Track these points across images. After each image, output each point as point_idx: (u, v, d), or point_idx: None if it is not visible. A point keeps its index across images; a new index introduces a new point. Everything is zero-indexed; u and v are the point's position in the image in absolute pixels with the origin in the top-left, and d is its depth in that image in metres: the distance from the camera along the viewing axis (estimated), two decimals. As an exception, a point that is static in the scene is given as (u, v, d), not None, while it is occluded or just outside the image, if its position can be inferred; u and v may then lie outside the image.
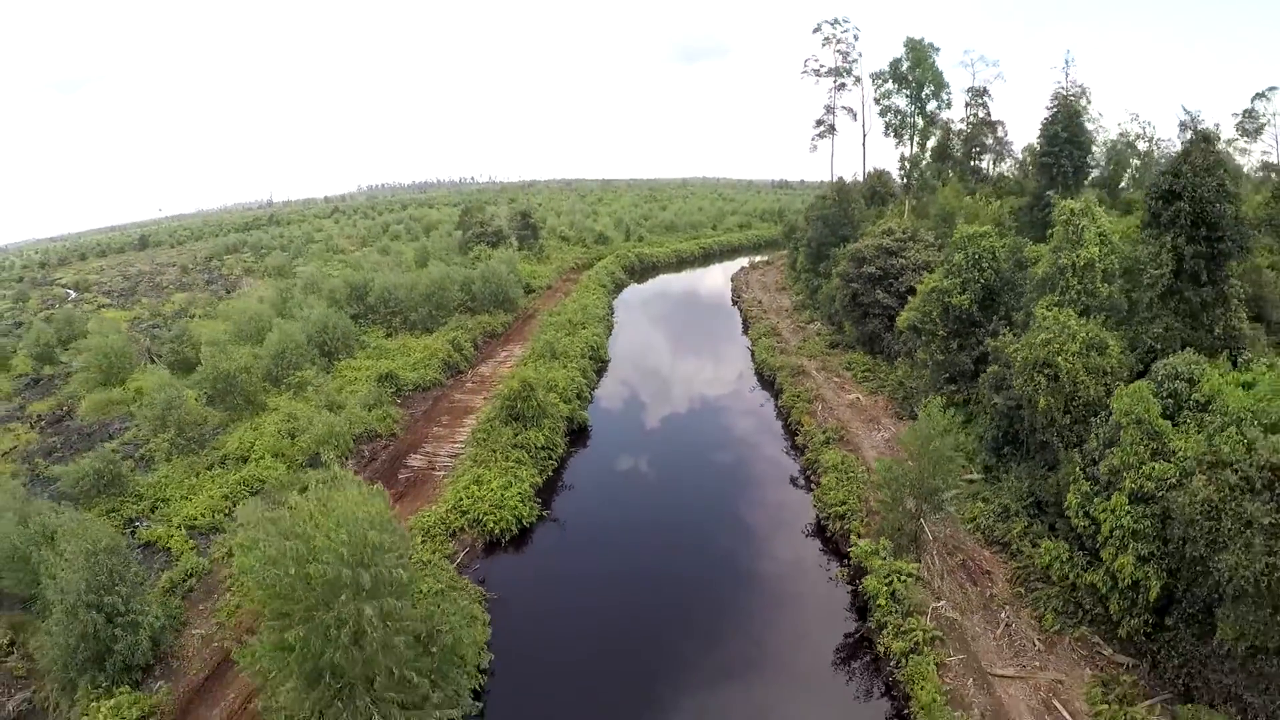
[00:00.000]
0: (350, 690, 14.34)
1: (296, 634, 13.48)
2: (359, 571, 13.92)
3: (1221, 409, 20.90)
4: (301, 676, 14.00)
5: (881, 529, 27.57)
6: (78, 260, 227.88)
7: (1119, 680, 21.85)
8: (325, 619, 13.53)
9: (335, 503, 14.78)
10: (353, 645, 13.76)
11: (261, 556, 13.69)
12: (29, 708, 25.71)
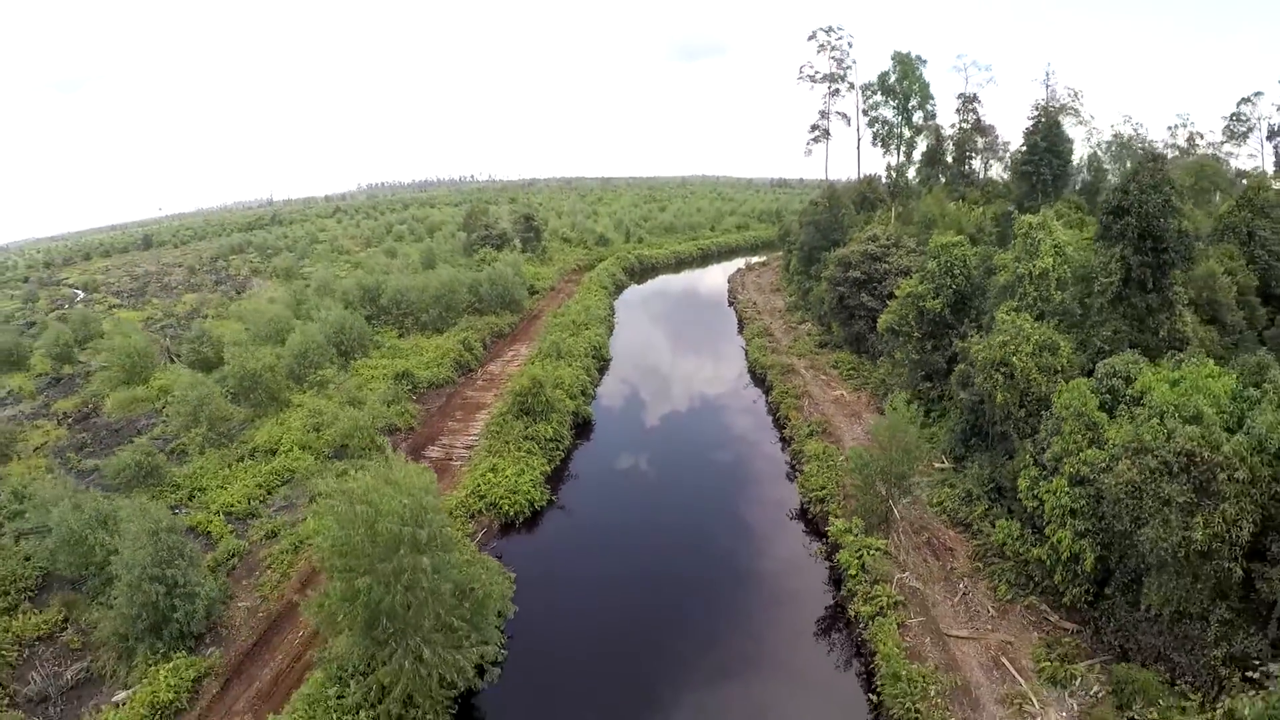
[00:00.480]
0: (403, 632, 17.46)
1: (364, 582, 16.55)
2: (415, 529, 17.02)
3: (1150, 403, 23.94)
4: (362, 622, 17.06)
5: (855, 510, 30.76)
6: (82, 260, 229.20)
7: (1061, 642, 24.90)
8: (386, 569, 16.62)
9: (394, 476, 17.89)
10: (407, 592, 16.85)
11: (336, 519, 16.75)
12: (86, 676, 28.52)
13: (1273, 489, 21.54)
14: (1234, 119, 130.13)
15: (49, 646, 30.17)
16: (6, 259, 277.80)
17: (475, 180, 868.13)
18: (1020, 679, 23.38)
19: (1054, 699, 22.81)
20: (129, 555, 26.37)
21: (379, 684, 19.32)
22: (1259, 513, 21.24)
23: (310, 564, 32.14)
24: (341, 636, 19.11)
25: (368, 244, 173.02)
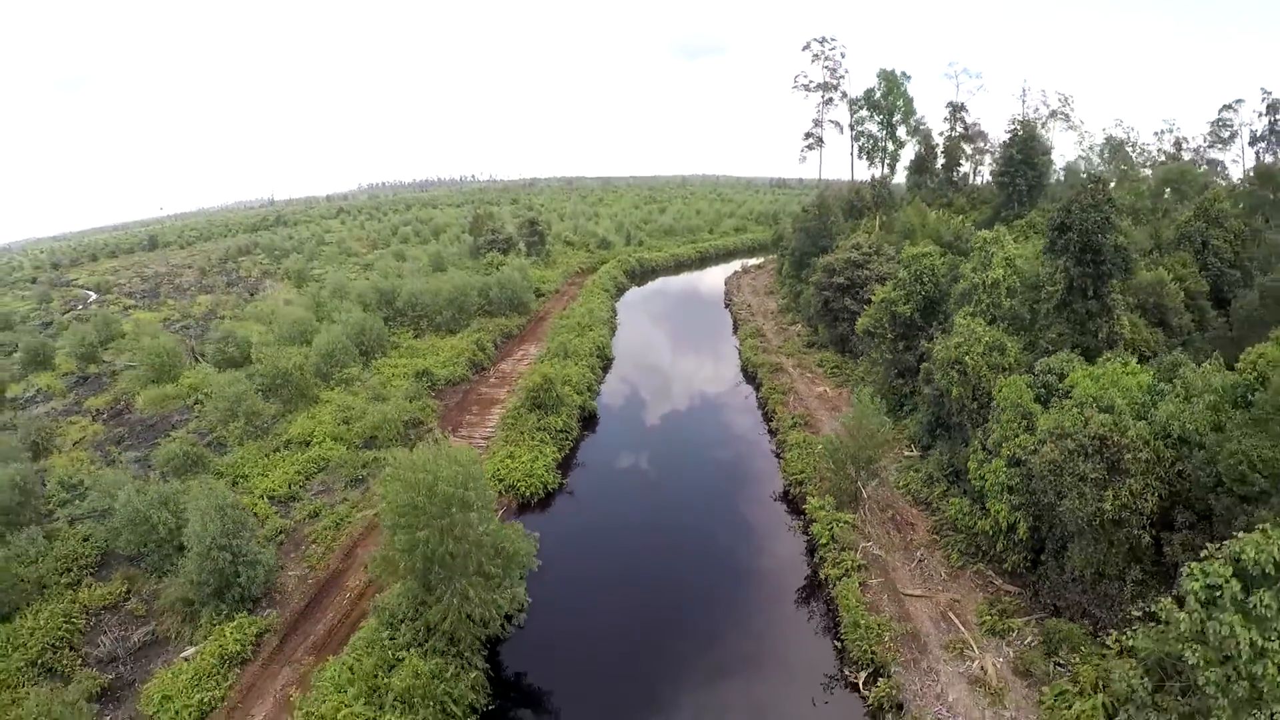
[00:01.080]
0: (450, 577, 21.69)
1: (424, 534, 20.76)
2: (464, 491, 21.25)
3: (1075, 395, 28.13)
4: (419, 569, 21.33)
5: (828, 490, 35.04)
6: (89, 260, 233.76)
7: (1002, 601, 29.08)
8: (441, 524, 20.82)
9: (448, 451, 22.12)
10: (456, 542, 21.06)
11: (402, 484, 21.01)
12: (151, 639, 32.58)
13: (1175, 468, 25.73)
14: (1219, 124, 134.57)
15: (114, 614, 34.10)
16: (10, 259, 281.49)
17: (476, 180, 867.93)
18: (964, 630, 27.57)
19: (992, 646, 26.98)
20: (199, 528, 30.44)
21: (426, 625, 23.57)
22: (1164, 488, 25.38)
23: (350, 538, 36.45)
24: (393, 588, 23.27)
25: (374, 246, 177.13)
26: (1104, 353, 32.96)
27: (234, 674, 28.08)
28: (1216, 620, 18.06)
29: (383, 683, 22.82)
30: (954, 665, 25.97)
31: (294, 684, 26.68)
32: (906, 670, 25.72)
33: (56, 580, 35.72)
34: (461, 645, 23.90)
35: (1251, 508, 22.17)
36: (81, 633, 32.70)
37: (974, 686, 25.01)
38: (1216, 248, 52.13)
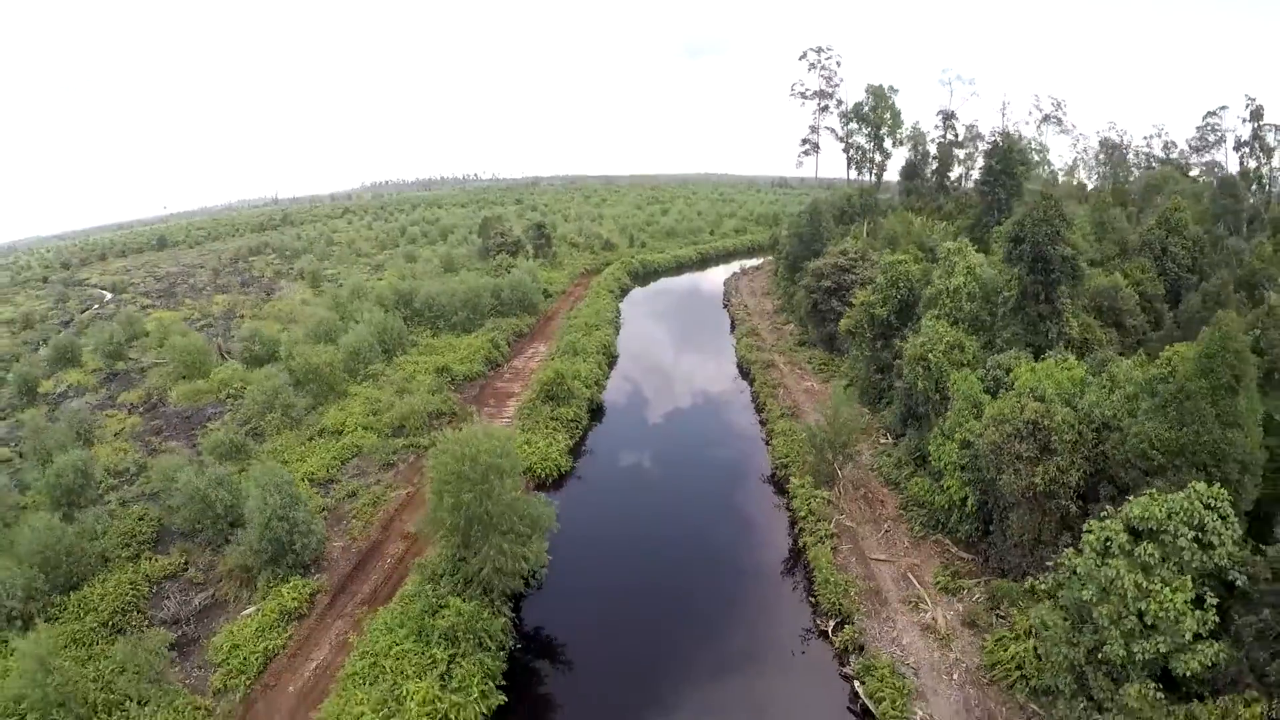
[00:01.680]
0: (486, 534, 26.37)
1: (467, 496, 25.42)
2: (500, 461, 25.94)
3: (1016, 387, 32.69)
4: (462, 528, 26.04)
5: (808, 470, 39.68)
6: (98, 260, 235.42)
7: (956, 565, 33.67)
8: (481, 488, 25.50)
9: (487, 429, 26.84)
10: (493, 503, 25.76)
11: (450, 455, 25.73)
12: (211, 602, 37.16)
13: (1098, 448, 30.24)
14: (1208, 129, 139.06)
15: (174, 583, 38.64)
16: (16, 258, 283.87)
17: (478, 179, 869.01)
18: (920, 588, 32.16)
19: (944, 602, 31.56)
20: (260, 502, 35.05)
21: (464, 579, 28.26)
22: (1087, 465, 29.92)
23: (387, 514, 41.15)
24: (432, 549, 27.93)
25: (383, 246, 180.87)
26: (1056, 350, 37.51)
27: (292, 626, 32.70)
28: (1107, 565, 22.65)
29: (428, 624, 27.50)
30: (909, 616, 30.58)
31: (348, 632, 31.36)
32: (868, 619, 30.33)
33: (118, 554, 39.99)
34: (494, 595, 28.61)
35: (1152, 479, 26.64)
36: (146, 598, 37.09)
37: (926, 634, 29.60)
38: (1174, 254, 56.53)
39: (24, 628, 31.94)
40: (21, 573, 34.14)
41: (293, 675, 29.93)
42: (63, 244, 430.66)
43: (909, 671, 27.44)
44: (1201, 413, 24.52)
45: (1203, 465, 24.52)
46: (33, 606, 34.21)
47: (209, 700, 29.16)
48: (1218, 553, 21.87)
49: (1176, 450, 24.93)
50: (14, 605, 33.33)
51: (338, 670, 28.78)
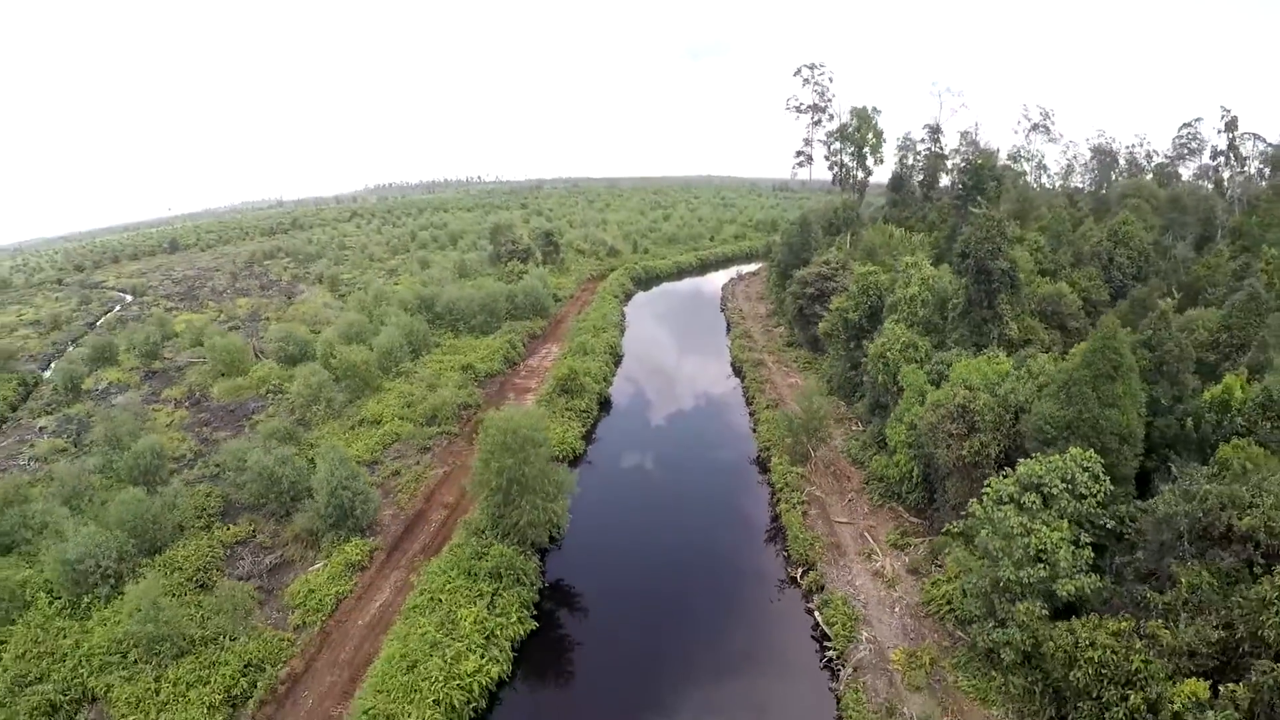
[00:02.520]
0: (522, 493, 33.44)
1: (510, 461, 32.46)
2: (535, 433, 32.97)
3: (952, 378, 39.61)
4: (504, 485, 33.11)
5: (786, 451, 46.69)
6: (111, 263, 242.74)
7: (905, 526, 40.55)
8: (520, 456, 32.53)
9: (524, 409, 33.89)
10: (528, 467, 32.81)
11: (496, 429, 32.80)
12: (279, 561, 43.92)
13: (1014, 427, 37.08)
14: (1189, 137, 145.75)
15: (245, 547, 45.45)
16: (26, 260, 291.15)
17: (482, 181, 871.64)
18: (874, 544, 39.06)
19: (893, 555, 38.44)
20: (327, 474, 41.92)
21: (503, 531, 35.32)
22: (1005, 440, 36.76)
23: (428, 488, 48.12)
24: (474, 510, 34.95)
25: (395, 252, 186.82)
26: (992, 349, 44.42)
27: (357, 576, 39.59)
28: (1000, 510, 29.57)
29: (475, 565, 34.52)
30: (863, 565, 37.50)
31: (406, 578, 38.33)
32: (829, 567, 37.26)
33: (192, 524, 46.72)
34: (526, 544, 35.64)
35: (1047, 449, 33.45)
36: (222, 559, 43.91)
37: (876, 578, 36.51)
38: (1120, 263, 63.38)
39: (115, 585, 38.12)
40: (114, 538, 40.36)
41: (360, 613, 36.84)
42: (69, 245, 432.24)
43: (859, 605, 34.35)
44: (1084, 396, 31.39)
45: (1085, 437, 31.35)
46: (124, 567, 40.39)
47: (290, 633, 35.98)
48: (1088, 503, 28.79)
49: (1065, 425, 31.78)
50: (109, 565, 39.08)
51: (399, 607, 35.75)
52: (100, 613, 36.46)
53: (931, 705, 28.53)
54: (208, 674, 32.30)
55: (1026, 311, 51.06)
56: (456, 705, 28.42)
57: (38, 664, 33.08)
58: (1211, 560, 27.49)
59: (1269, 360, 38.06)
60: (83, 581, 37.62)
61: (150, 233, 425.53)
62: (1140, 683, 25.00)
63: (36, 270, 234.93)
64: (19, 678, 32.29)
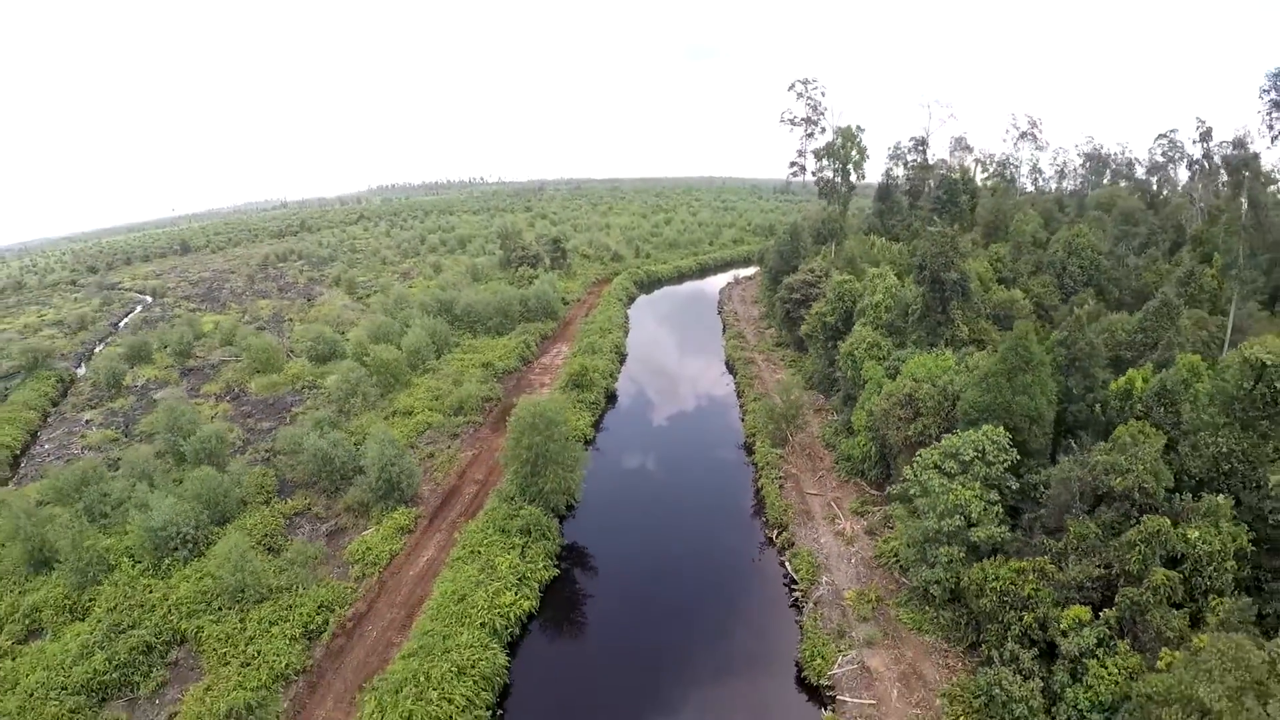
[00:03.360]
0: (548, 465, 41.11)
1: (538, 439, 40.07)
2: (558, 415, 40.63)
3: (904, 373, 47.11)
4: (532, 458, 40.70)
5: (768, 436, 54.25)
6: (123, 264, 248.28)
7: (866, 497, 48.02)
8: (546, 433, 40.14)
9: (549, 396, 41.48)
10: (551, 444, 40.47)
11: (526, 413, 40.45)
12: (334, 529, 51.22)
13: (950, 412, 44.46)
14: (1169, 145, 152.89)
15: (302, 517, 52.82)
16: (35, 260, 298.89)
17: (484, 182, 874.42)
18: (838, 511, 46.54)
19: (854, 520, 45.88)
20: (377, 453, 49.37)
21: (530, 497, 42.94)
22: (945, 422, 44.16)
23: (460, 467, 55.61)
24: (505, 480, 42.64)
25: (406, 255, 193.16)
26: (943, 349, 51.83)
27: (405, 537, 47.07)
28: (925, 474, 37.04)
29: (508, 524, 42.15)
30: (828, 527, 45.00)
31: (448, 537, 45.86)
32: (799, 529, 44.80)
33: (254, 499, 54.11)
34: (549, 508, 43.27)
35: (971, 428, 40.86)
36: (284, 528, 51.22)
37: (837, 537, 43.99)
38: (1072, 272, 70.64)
39: (192, 549, 45.48)
40: (191, 509, 47.64)
41: (410, 565, 44.34)
42: (75, 246, 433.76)
43: (822, 557, 41.86)
44: (1000, 385, 38.85)
45: (999, 418, 38.80)
46: (199, 534, 47.62)
47: (352, 583, 43.41)
48: (995, 468, 36.25)
49: (984, 409, 39.24)
50: (188, 531, 46.40)
51: (443, 561, 43.26)
52: (180, 572, 43.44)
53: (875, 631, 35.99)
54: (287, 614, 39.44)
55: (981, 315, 58.45)
56: (497, 628, 35.97)
57: (130, 614, 39.66)
58: (1097, 515, 34.93)
59: (1173, 358, 45.47)
60: (164, 546, 44.71)
61: (158, 234, 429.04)
62: (1031, 606, 32.41)
63: (47, 271, 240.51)
64: (114, 625, 38.81)
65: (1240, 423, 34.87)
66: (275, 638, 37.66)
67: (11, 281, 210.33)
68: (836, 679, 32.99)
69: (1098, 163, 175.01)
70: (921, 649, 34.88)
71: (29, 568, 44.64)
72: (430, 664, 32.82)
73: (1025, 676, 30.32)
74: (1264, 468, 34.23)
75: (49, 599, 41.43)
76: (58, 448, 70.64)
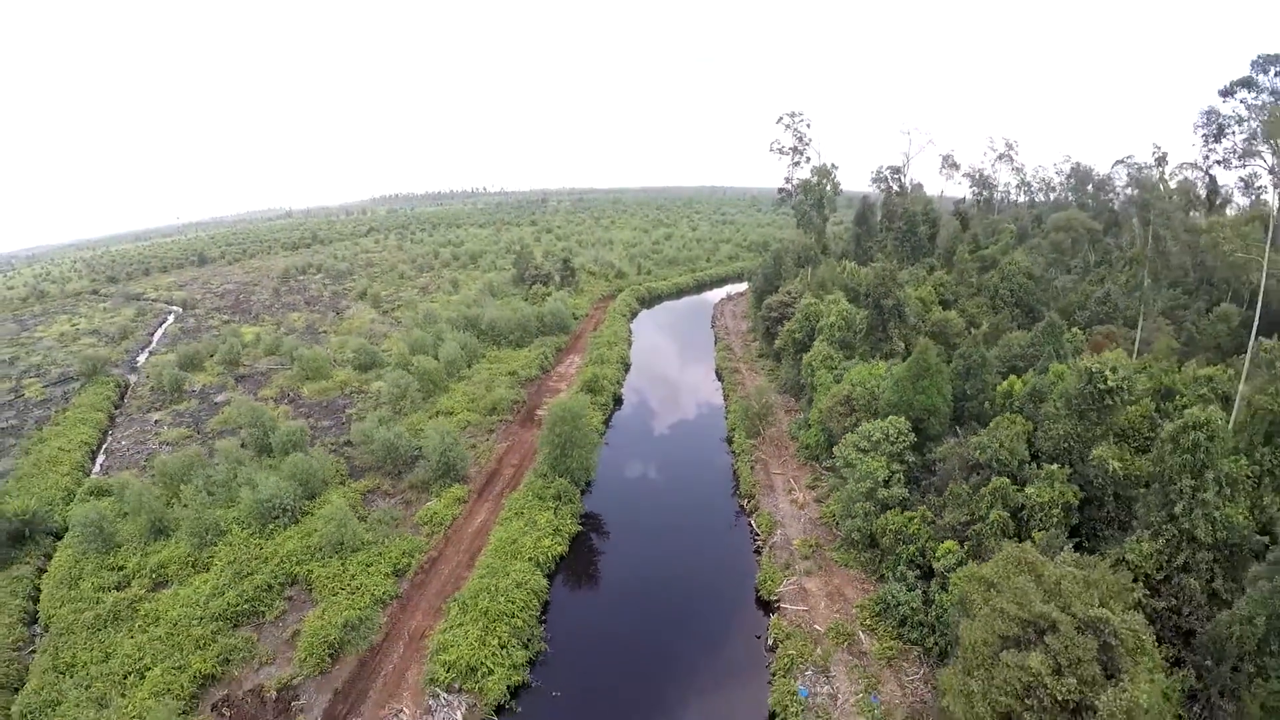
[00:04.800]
0: (573, 449, 55.09)
1: (566, 429, 54.03)
2: (581, 410, 54.64)
3: (845, 379, 61.11)
4: (562, 442, 54.64)
5: (744, 430, 68.31)
6: (142, 274, 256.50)
7: (817, 475, 61.85)
8: (572, 423, 54.14)
9: (574, 396, 55.73)
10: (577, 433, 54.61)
11: (558, 408, 54.45)
12: (401, 503, 64.50)
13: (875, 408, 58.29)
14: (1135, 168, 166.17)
15: (374, 494, 66.33)
16: (48, 270, 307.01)
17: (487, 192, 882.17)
18: (795, 486, 60.41)
19: (807, 492, 59.70)
20: (438, 441, 63.17)
21: (559, 473, 56.95)
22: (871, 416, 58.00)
23: (499, 455, 69.46)
24: (539, 459, 56.83)
25: (421, 270, 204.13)
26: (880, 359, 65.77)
27: (461, 506, 60.80)
28: (848, 451, 50.98)
29: (543, 492, 56.16)
30: (786, 497, 58.89)
31: (495, 505, 59.71)
32: (763, 498, 58.72)
33: (332, 480, 67.67)
34: (572, 482, 57.33)
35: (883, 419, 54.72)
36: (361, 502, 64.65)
37: (792, 504, 57.83)
38: (1003, 295, 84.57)
39: (291, 517, 59.04)
40: (289, 485, 61.30)
41: (467, 525, 58.12)
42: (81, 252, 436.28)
43: (779, 517, 55.73)
44: (905, 387, 52.81)
45: (904, 411, 52.71)
46: (296, 504, 61.13)
47: (423, 539, 57.10)
48: (896, 446, 50.13)
49: (895, 405, 53.18)
50: (288, 502, 60.10)
51: (493, 521, 57.05)
52: (283, 534, 56.39)
53: (812, 565, 49.79)
54: (378, 559, 52.76)
55: (920, 331, 72.31)
56: (540, 562, 49.88)
57: (248, 565, 52.21)
58: (970, 480, 48.75)
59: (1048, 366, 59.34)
60: (268, 514, 57.97)
61: (167, 242, 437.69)
62: (917, 542, 46.19)
63: (64, 280, 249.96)
64: (237, 572, 51.76)
65: (1077, 414, 48.66)
66: (372, 574, 50.74)
67: (33, 290, 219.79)
68: (781, 595, 46.80)
69: (1081, 177, 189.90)
70: (845, 578, 48.65)
71: (150, 535, 56.53)
72: (495, 581, 46.65)
73: (910, 589, 44.01)
74: (1090, 446, 48.06)
75: (173, 557, 53.26)
76: (135, 444, 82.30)
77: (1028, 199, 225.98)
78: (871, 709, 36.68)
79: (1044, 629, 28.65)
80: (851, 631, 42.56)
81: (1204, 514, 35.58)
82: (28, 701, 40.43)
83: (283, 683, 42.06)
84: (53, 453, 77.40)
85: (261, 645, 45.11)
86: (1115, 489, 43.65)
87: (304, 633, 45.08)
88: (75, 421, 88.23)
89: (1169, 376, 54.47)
